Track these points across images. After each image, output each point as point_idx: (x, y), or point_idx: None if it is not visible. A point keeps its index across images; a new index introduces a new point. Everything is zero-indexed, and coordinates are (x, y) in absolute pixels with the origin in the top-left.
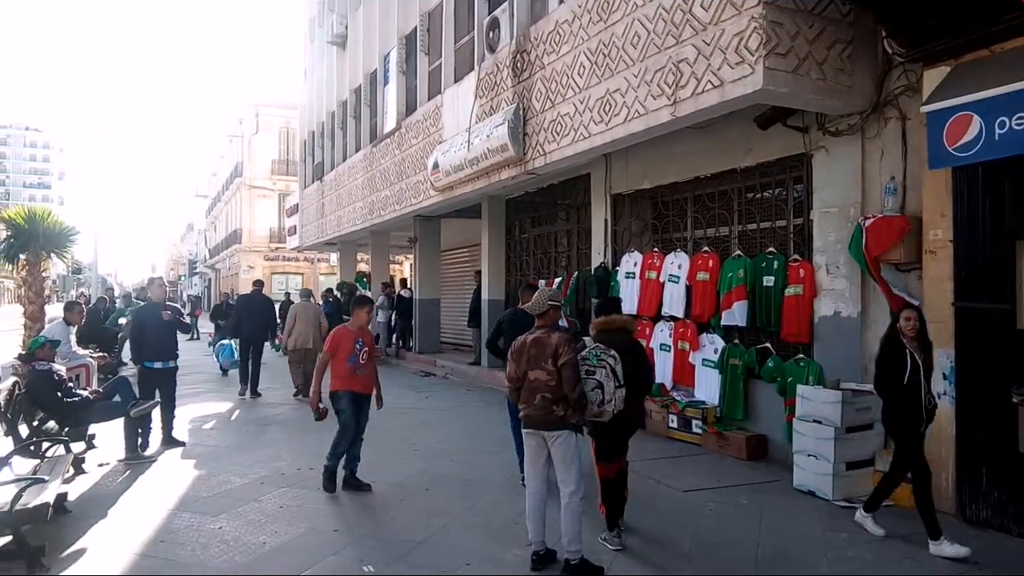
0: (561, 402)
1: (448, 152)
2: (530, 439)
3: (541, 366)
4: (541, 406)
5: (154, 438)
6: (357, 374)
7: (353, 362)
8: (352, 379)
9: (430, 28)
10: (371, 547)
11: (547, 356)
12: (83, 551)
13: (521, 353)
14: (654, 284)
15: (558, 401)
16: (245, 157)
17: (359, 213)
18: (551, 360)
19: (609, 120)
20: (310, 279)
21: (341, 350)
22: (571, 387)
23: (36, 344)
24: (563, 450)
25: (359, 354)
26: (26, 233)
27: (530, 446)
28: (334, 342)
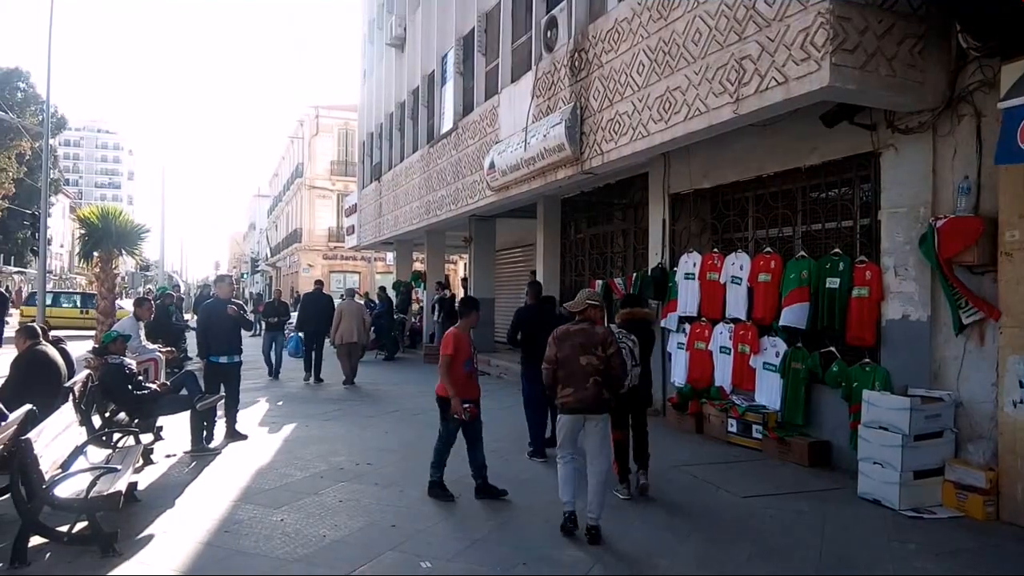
0: (607, 387)
1: (504, 152)
2: (572, 422)
3: (591, 352)
4: (594, 390)
5: (218, 431)
6: (471, 380)
7: (469, 367)
8: (468, 385)
9: (487, 28)
10: (428, 543)
11: (596, 344)
12: (152, 538)
13: (564, 340)
14: (715, 285)
15: (606, 386)
16: (305, 158)
17: (415, 213)
18: (600, 348)
19: (669, 118)
20: (367, 278)
21: (460, 353)
22: (622, 372)
23: (108, 339)
24: (602, 430)
25: (474, 358)
26: (99, 231)
27: (570, 428)
28: (455, 345)
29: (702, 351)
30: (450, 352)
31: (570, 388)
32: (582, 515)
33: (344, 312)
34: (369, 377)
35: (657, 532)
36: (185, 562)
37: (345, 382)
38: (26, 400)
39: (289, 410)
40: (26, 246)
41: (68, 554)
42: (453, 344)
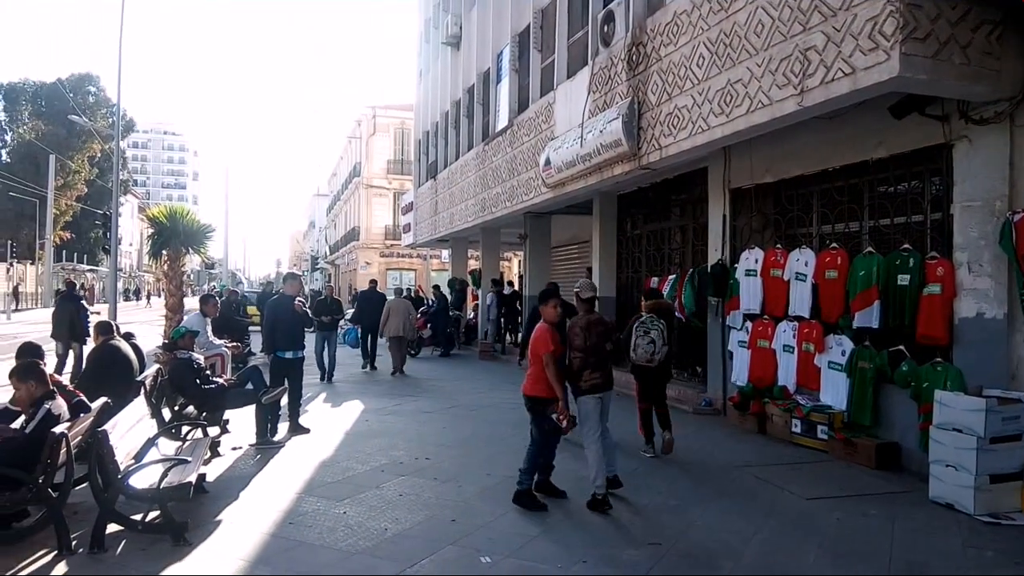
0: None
1: (560, 148)
2: (596, 401)
3: (610, 339)
4: (610, 372)
5: (282, 424)
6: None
7: (562, 365)
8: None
9: (543, 25)
10: (487, 539)
11: (611, 331)
12: (220, 529)
13: (589, 329)
14: (778, 282)
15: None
16: (363, 157)
17: (471, 210)
18: (613, 334)
19: (730, 112)
20: (422, 275)
21: (559, 350)
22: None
23: (178, 334)
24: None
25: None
26: (168, 230)
27: (595, 407)
28: (554, 340)
29: (764, 349)
30: (552, 349)
31: (598, 372)
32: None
33: (392, 309)
34: (426, 373)
35: (718, 534)
36: (252, 552)
37: (393, 372)
38: (101, 393)
39: (349, 405)
40: (98, 245)
41: (141, 542)
42: (552, 340)
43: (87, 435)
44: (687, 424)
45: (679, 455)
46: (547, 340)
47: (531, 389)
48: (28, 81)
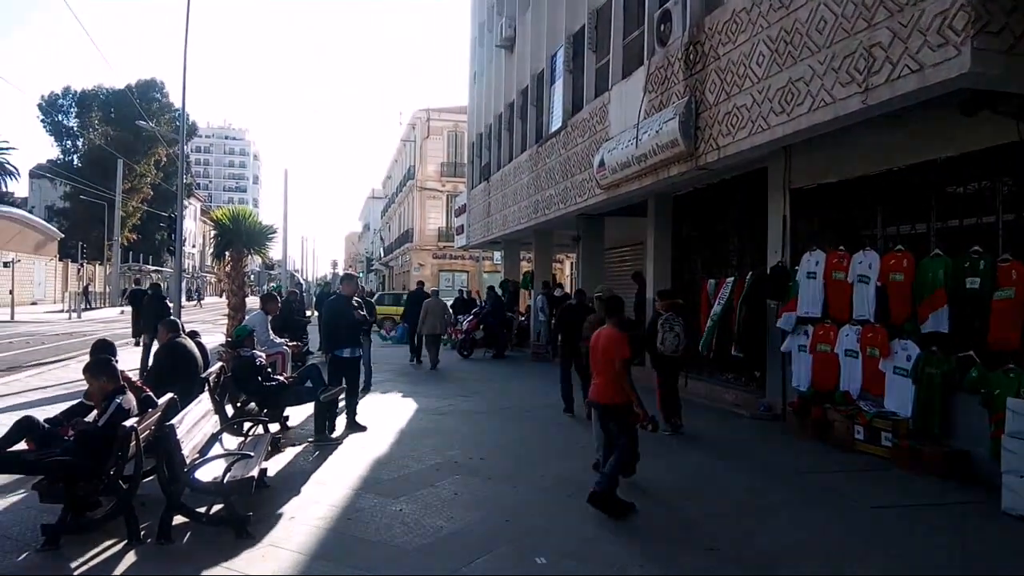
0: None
1: (615, 149)
2: None
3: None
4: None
5: (339, 422)
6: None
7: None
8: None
9: (598, 25)
10: (542, 539)
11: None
12: (281, 523)
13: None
14: (841, 285)
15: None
16: (417, 160)
17: (524, 212)
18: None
19: (791, 110)
20: (475, 277)
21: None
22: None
23: (241, 333)
24: None
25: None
26: (231, 232)
27: None
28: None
29: (826, 354)
30: (629, 355)
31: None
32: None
33: (429, 309)
34: (478, 375)
35: (778, 541)
36: (311, 546)
37: (431, 367)
38: (167, 389)
39: (403, 405)
40: (163, 246)
41: (206, 534)
42: (628, 345)
43: (155, 430)
44: (745, 429)
45: (738, 461)
46: (623, 345)
47: (605, 397)
48: (100, 88)
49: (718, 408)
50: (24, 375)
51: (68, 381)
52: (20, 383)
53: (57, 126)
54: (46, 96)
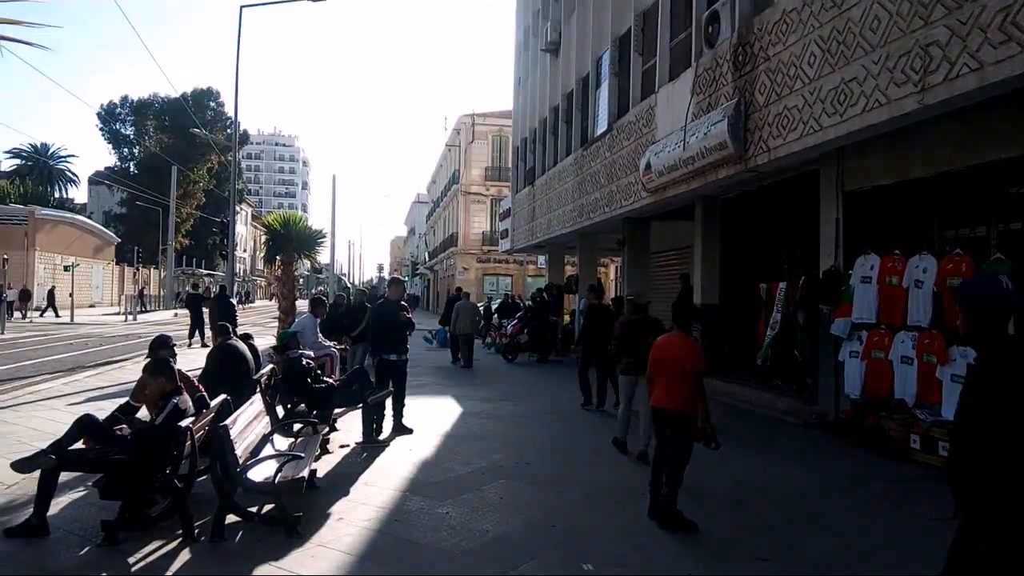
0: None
1: (661, 152)
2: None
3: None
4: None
5: (386, 424)
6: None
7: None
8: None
9: (645, 28)
10: (589, 545)
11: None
12: (330, 523)
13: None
14: (895, 290)
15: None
16: (461, 165)
17: (568, 216)
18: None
19: (844, 111)
20: (519, 280)
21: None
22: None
23: (286, 336)
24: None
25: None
26: (282, 236)
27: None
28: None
29: (880, 360)
30: (706, 366)
31: (632, 357)
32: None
33: (460, 310)
34: (523, 379)
35: (832, 552)
36: (360, 547)
37: (463, 366)
38: (220, 390)
39: (448, 408)
40: (215, 250)
41: (257, 532)
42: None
43: (209, 430)
44: (796, 438)
45: (789, 469)
46: (701, 355)
47: (670, 402)
48: (155, 97)
49: (768, 415)
50: (83, 375)
51: (125, 382)
52: (79, 383)
53: (115, 134)
54: (105, 105)
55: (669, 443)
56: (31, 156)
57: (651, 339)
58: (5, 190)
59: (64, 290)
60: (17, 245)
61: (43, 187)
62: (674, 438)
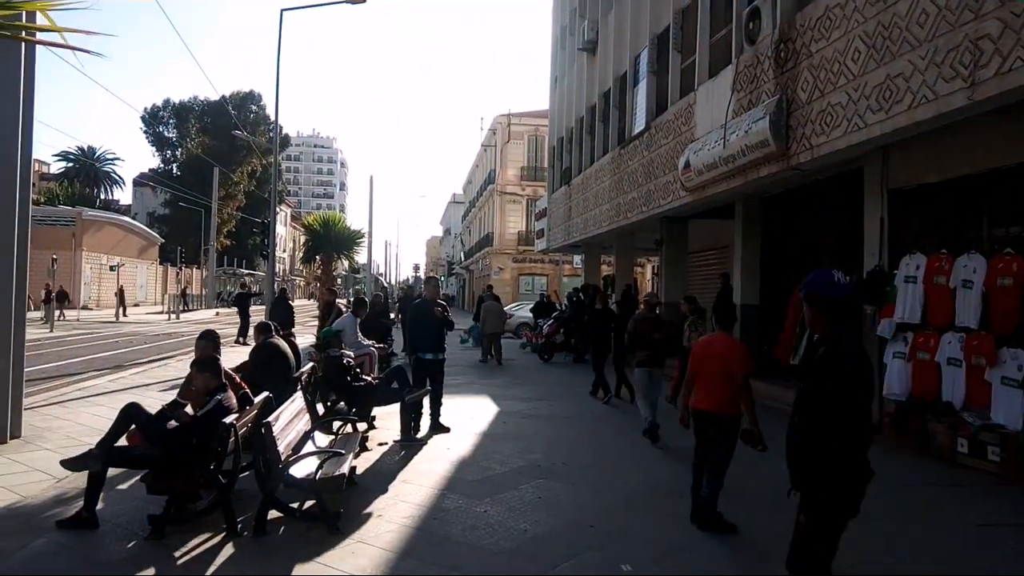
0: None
1: (701, 150)
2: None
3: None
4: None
5: (424, 423)
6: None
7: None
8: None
9: (684, 25)
10: (627, 546)
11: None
12: (370, 520)
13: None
14: (942, 290)
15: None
16: (497, 165)
17: (605, 215)
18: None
19: (889, 108)
20: (554, 280)
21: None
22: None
23: (328, 334)
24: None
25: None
26: (321, 237)
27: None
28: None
29: (926, 362)
30: (752, 368)
31: (645, 352)
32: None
33: (488, 311)
34: (559, 379)
35: (876, 557)
36: (399, 544)
37: (497, 363)
38: (262, 387)
39: (485, 407)
40: (255, 250)
41: (298, 528)
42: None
43: (252, 426)
44: None
45: None
46: (747, 358)
47: (714, 404)
48: (195, 100)
49: None
50: (128, 373)
51: (168, 379)
52: (125, 380)
53: (158, 137)
54: (148, 108)
55: (711, 445)
56: (78, 159)
57: (658, 336)
58: (54, 192)
59: (110, 289)
60: (65, 245)
61: (90, 189)
62: (716, 440)
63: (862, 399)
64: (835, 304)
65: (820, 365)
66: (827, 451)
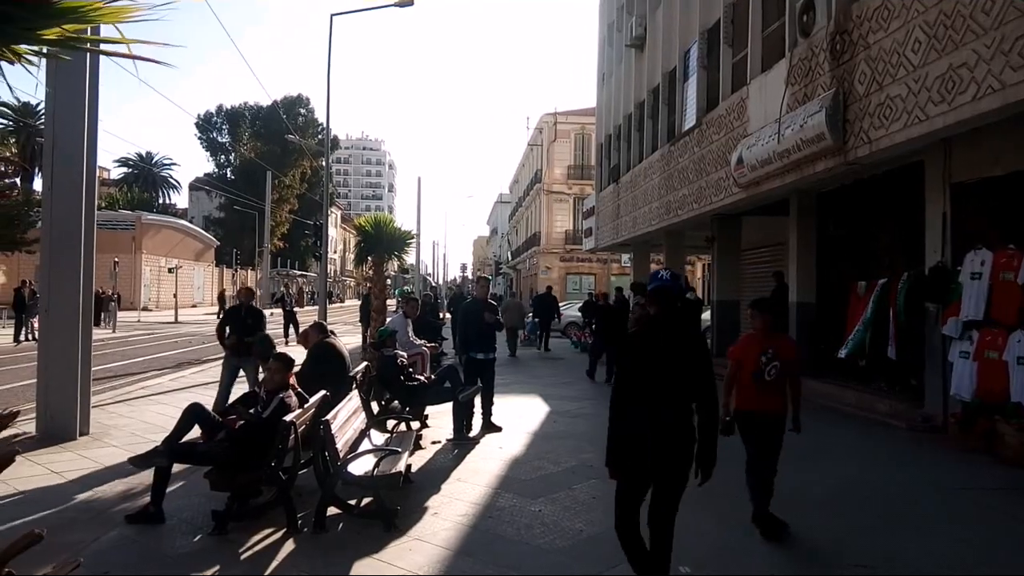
0: None
1: (754, 146)
2: None
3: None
4: None
5: (475, 422)
6: (760, 392)
7: (758, 377)
8: (756, 398)
9: (735, 19)
10: (683, 548)
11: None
12: (426, 518)
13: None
14: (1010, 286)
15: None
16: (544, 164)
17: (655, 213)
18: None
19: (952, 99)
20: (602, 279)
21: (747, 361)
22: None
23: (384, 334)
24: None
25: (766, 369)
26: (372, 238)
27: None
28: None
29: (994, 361)
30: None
31: None
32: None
33: (509, 307)
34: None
35: (934, 561)
36: (455, 542)
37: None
38: (319, 386)
39: (535, 406)
40: (307, 252)
41: (356, 525)
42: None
43: (311, 425)
44: (899, 441)
45: (892, 474)
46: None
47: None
48: (246, 105)
49: (869, 418)
50: (188, 372)
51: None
52: (185, 379)
53: (212, 142)
54: (202, 115)
55: (757, 445)
56: (137, 164)
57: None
58: (114, 197)
59: (168, 291)
60: (126, 249)
61: (148, 193)
62: (762, 440)
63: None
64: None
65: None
66: None
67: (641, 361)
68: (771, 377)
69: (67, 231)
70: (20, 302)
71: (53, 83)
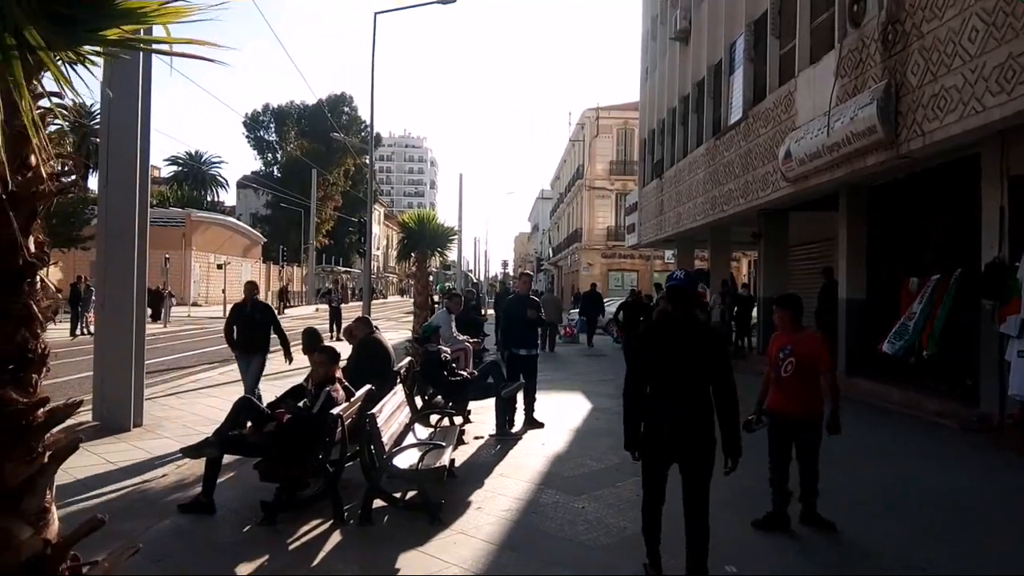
0: None
1: (803, 139)
2: None
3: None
4: None
5: (517, 418)
6: (780, 391)
7: (776, 374)
8: (778, 397)
9: (782, 10)
10: (729, 548)
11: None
12: (469, 512)
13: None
14: None
15: None
16: (585, 159)
17: (699, 208)
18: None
19: (1012, 89)
20: (645, 276)
21: (770, 358)
22: None
23: (428, 330)
24: None
25: (782, 365)
26: (416, 234)
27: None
28: (769, 348)
29: None
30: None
31: None
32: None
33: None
34: None
35: (999, 566)
36: (499, 536)
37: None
38: (364, 381)
39: (577, 402)
40: (352, 249)
41: (401, 518)
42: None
43: (357, 418)
44: (951, 443)
45: (946, 474)
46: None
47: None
48: (292, 104)
49: (918, 417)
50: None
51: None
52: (234, 373)
53: (259, 140)
54: (249, 114)
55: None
56: (186, 163)
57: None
58: (165, 195)
59: (217, 286)
60: (176, 245)
61: (197, 191)
62: (803, 440)
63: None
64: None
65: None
66: None
67: (655, 356)
68: (787, 374)
69: (122, 228)
70: (76, 297)
71: (109, 83)
